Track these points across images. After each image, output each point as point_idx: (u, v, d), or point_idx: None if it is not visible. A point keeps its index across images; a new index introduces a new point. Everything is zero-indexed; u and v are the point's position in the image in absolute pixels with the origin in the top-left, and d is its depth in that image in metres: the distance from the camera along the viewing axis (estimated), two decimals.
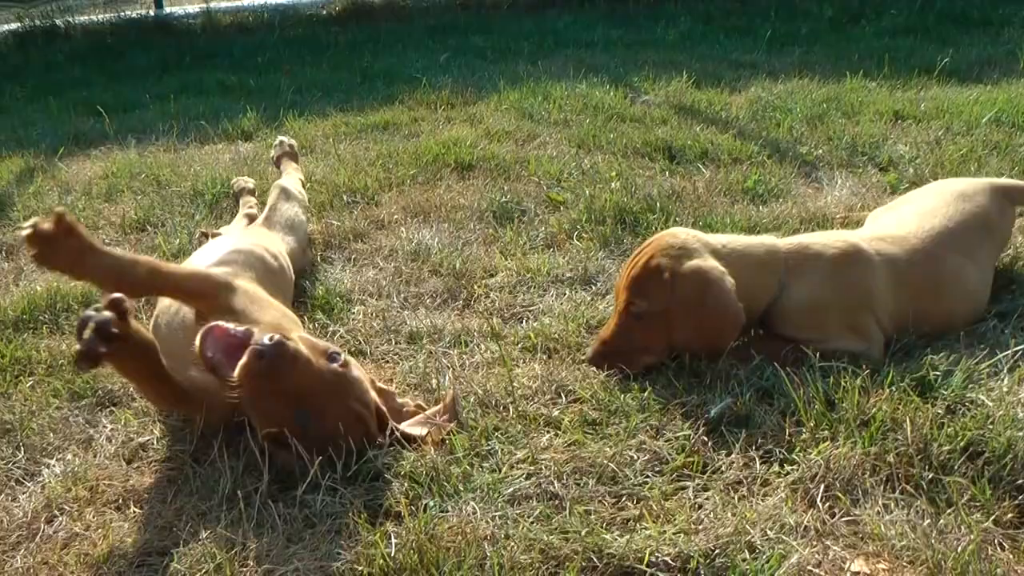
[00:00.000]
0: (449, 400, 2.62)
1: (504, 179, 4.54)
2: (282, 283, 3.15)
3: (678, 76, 6.38)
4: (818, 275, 2.91)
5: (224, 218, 4.26)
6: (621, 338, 2.89)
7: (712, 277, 2.81)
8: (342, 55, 8.16)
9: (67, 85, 7.73)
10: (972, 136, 4.81)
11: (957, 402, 2.58)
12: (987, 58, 6.79)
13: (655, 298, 2.84)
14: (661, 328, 2.86)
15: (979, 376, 2.69)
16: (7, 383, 3.01)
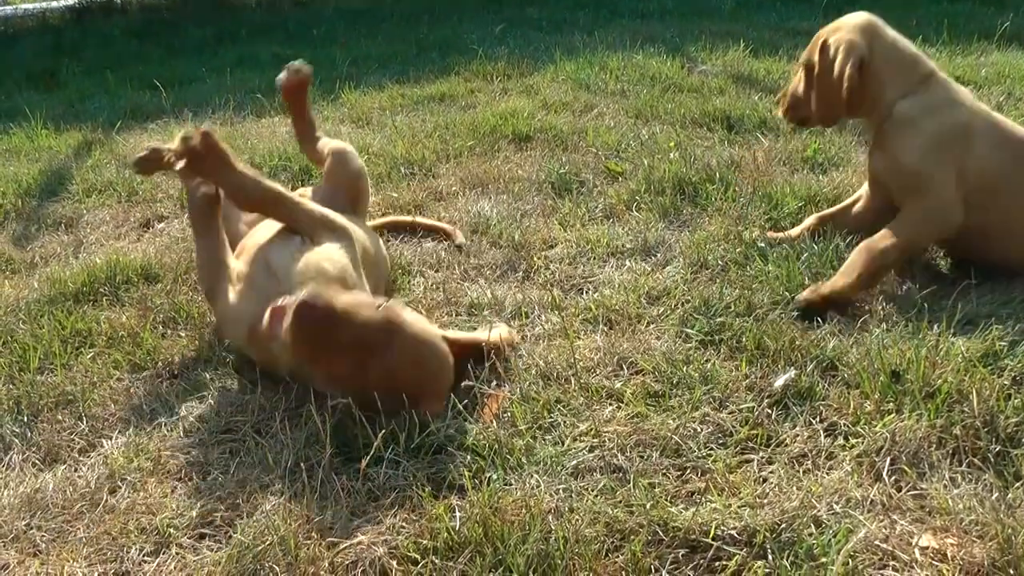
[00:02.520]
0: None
1: (562, 150, 4.52)
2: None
3: (735, 45, 6.32)
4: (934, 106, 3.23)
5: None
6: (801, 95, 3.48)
7: (850, 46, 3.26)
8: (397, 27, 8.16)
9: (124, 59, 7.82)
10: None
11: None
12: None
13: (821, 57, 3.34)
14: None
15: None
16: (68, 355, 3.04)
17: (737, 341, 2.81)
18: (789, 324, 2.86)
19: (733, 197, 3.81)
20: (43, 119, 5.79)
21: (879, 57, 3.28)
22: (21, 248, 3.98)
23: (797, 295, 3.00)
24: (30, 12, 10.01)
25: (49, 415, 2.75)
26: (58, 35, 9.04)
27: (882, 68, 3.27)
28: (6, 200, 4.46)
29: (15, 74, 7.60)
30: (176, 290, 3.42)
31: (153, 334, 3.12)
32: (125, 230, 4.09)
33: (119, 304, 3.36)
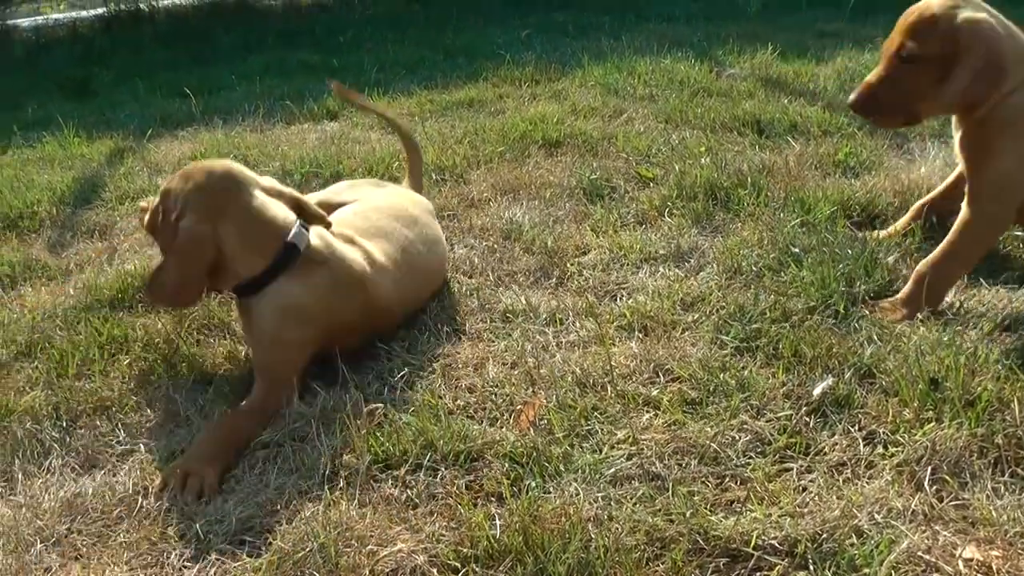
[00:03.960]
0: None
1: (592, 155, 4.52)
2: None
3: (762, 48, 6.30)
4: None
5: None
6: (886, 84, 3.03)
7: (991, 30, 2.91)
8: (423, 32, 8.18)
9: (153, 67, 7.88)
10: None
11: None
12: None
13: (928, 43, 2.94)
14: (929, 78, 2.96)
15: None
16: (105, 361, 3.07)
17: (773, 348, 2.80)
18: (826, 331, 2.84)
19: (765, 202, 3.79)
20: (75, 127, 5.83)
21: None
22: (57, 255, 4.02)
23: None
24: (60, 21, 10.09)
25: (87, 420, 2.79)
26: (88, 44, 9.10)
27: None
28: (41, 208, 4.49)
29: (47, 83, 7.68)
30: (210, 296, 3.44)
31: (188, 340, 3.14)
32: None
33: (154, 311, 3.38)
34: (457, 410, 2.65)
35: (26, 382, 3.01)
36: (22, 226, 4.36)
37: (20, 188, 4.76)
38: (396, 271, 3.04)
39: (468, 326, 3.09)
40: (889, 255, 3.26)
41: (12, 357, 3.16)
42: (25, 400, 2.88)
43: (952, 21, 2.92)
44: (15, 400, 2.88)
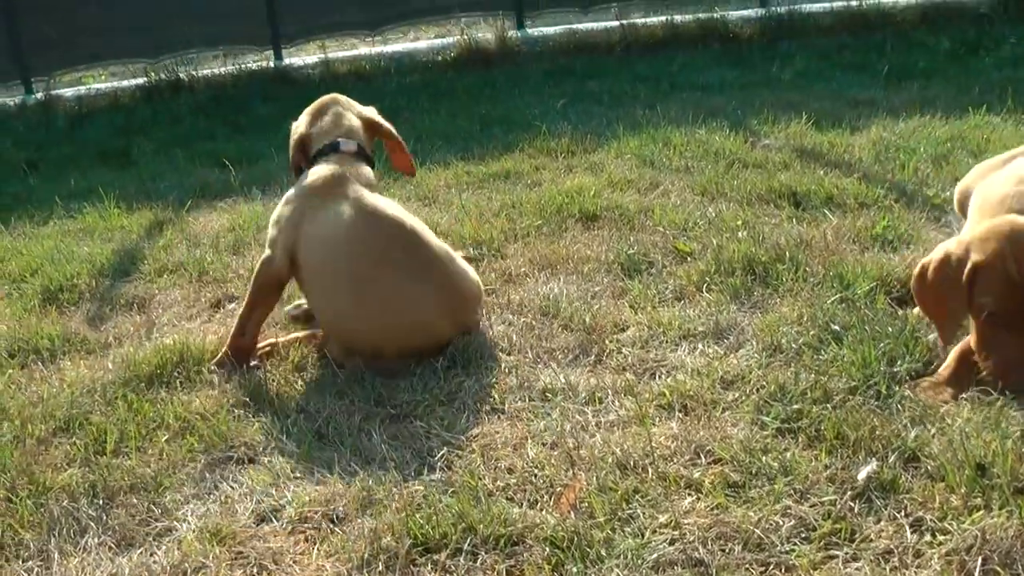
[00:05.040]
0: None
1: (629, 229, 4.51)
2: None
3: (797, 117, 6.30)
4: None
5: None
6: (994, 347, 2.93)
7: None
8: (460, 101, 8.23)
9: (192, 137, 7.98)
10: None
11: None
12: None
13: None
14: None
15: None
16: (142, 438, 3.08)
17: (816, 429, 2.77)
18: (868, 412, 2.82)
19: (804, 277, 3.78)
20: (116, 198, 5.92)
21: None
22: (95, 328, 4.05)
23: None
24: (102, 91, 10.23)
25: (124, 498, 2.79)
26: (129, 114, 9.25)
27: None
28: (80, 281, 4.54)
29: (89, 152, 7.80)
30: (248, 371, 3.45)
31: (227, 416, 3.14)
32: (196, 310, 4.14)
33: (191, 386, 3.40)
34: (497, 491, 2.64)
35: (64, 459, 3.02)
36: (62, 299, 4.40)
37: (60, 260, 4.82)
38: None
39: (507, 405, 3.08)
40: (930, 332, 3.23)
41: (51, 433, 3.18)
42: (62, 477, 2.89)
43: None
44: (52, 477, 2.89)
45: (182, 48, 10.60)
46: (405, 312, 3.43)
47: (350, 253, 3.49)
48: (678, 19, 10.20)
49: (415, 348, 3.43)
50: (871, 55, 8.46)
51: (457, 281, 3.54)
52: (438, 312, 3.46)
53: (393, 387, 3.27)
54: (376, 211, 3.54)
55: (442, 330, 3.48)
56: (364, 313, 3.45)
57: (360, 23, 10.98)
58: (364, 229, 3.50)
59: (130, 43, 10.66)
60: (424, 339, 3.45)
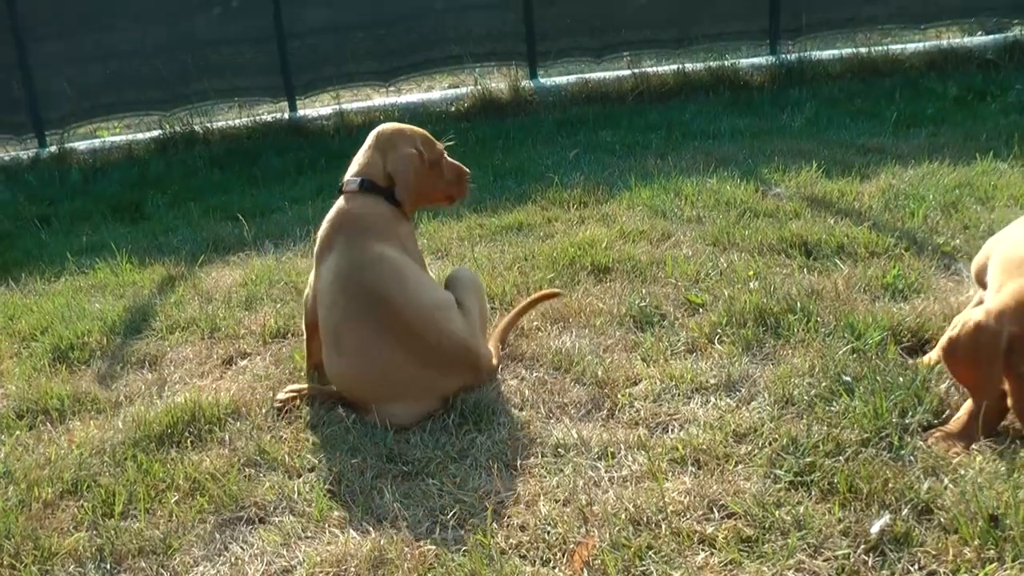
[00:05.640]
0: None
1: (641, 281, 4.52)
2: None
3: (807, 165, 6.32)
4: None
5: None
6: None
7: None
8: (472, 152, 8.27)
9: (206, 190, 8.02)
10: None
11: None
12: None
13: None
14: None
15: None
16: (152, 499, 3.08)
17: (828, 483, 2.77)
18: (881, 464, 2.81)
19: (815, 328, 3.78)
20: (128, 253, 5.95)
21: None
22: (106, 387, 4.05)
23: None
24: (116, 144, 10.31)
25: (132, 562, 2.79)
26: (144, 166, 9.29)
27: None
28: (91, 338, 4.55)
29: (102, 206, 7.83)
30: (261, 429, 3.46)
31: (238, 476, 3.15)
32: (208, 367, 4.15)
33: (202, 446, 3.40)
34: (509, 550, 2.64)
35: (71, 522, 3.01)
36: (72, 357, 4.40)
37: (71, 318, 4.83)
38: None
39: (519, 461, 3.08)
40: (941, 383, 3.23)
41: (58, 496, 3.17)
42: (69, 542, 2.88)
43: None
44: (59, 542, 2.88)
45: (197, 100, 10.70)
46: (377, 368, 3.47)
47: (329, 305, 3.59)
48: (689, 67, 10.25)
49: (404, 404, 3.46)
50: (880, 102, 8.48)
51: (438, 339, 3.51)
52: (414, 370, 3.46)
53: (405, 443, 3.27)
54: (349, 265, 3.58)
55: (429, 387, 3.49)
56: (341, 370, 3.56)
57: (373, 73, 11.06)
58: (337, 284, 3.58)
59: (145, 95, 10.78)
60: (408, 395, 3.47)
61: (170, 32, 10.60)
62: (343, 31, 10.82)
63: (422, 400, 3.48)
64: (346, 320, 3.52)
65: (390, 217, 3.76)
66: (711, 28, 10.85)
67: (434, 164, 3.95)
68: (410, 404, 3.46)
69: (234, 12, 10.66)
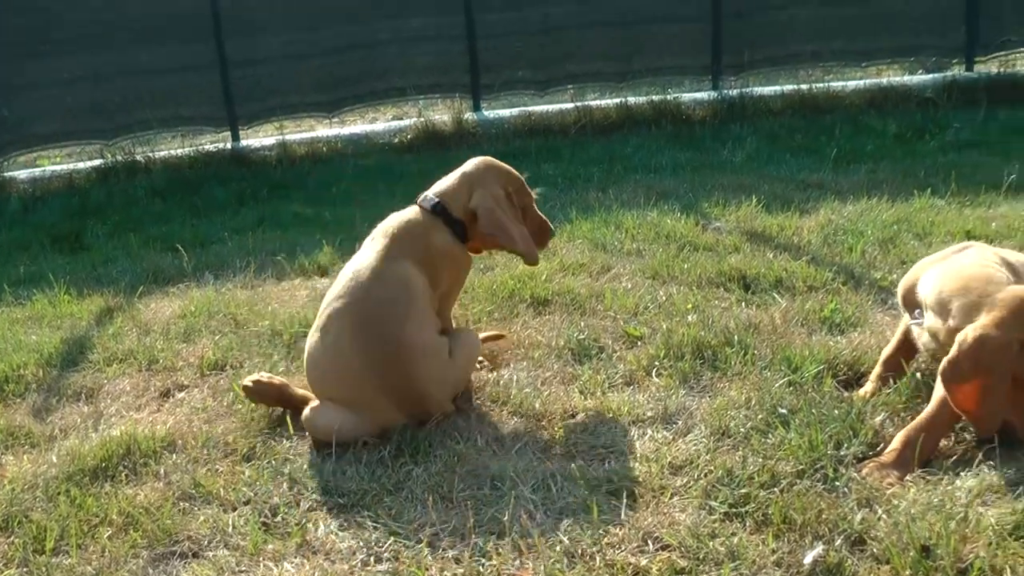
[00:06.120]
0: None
1: (580, 314, 4.53)
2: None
3: (747, 200, 6.38)
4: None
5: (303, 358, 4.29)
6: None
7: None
8: (415, 184, 8.15)
9: (147, 220, 7.96)
10: None
11: None
12: None
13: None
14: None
15: None
16: (84, 535, 3.03)
17: (763, 514, 2.79)
18: (815, 495, 2.84)
19: (752, 361, 3.81)
20: (66, 284, 5.86)
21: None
22: (41, 421, 3.98)
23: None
24: (57, 173, 10.19)
25: None
26: (84, 196, 9.18)
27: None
28: (27, 371, 4.48)
29: (41, 236, 7.72)
30: (196, 462, 3.42)
31: (172, 509, 3.11)
32: (145, 400, 4.09)
33: (138, 478, 3.36)
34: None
35: (1, 559, 2.96)
36: (7, 390, 4.32)
37: (7, 350, 4.75)
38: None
39: (455, 494, 3.07)
40: (876, 415, 3.27)
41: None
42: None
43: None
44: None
45: (139, 129, 10.64)
46: (340, 366, 3.51)
47: (334, 291, 3.68)
48: (632, 101, 10.35)
49: (345, 412, 3.49)
50: (821, 138, 8.59)
51: (409, 367, 3.51)
52: (370, 388, 3.47)
53: (341, 475, 3.25)
54: (370, 269, 3.63)
55: (374, 409, 3.50)
56: (315, 353, 3.61)
57: (317, 104, 11.06)
58: (350, 278, 3.66)
59: (87, 123, 10.68)
60: (354, 406, 3.49)
61: (113, 60, 10.52)
62: (287, 61, 10.80)
63: (362, 418, 3.47)
64: (338, 316, 3.56)
65: (444, 248, 3.79)
66: (654, 62, 11.00)
67: (524, 209, 3.97)
68: (350, 415, 3.46)
69: (178, 41, 10.59)
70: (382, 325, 3.49)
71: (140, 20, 10.45)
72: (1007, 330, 2.94)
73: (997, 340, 2.93)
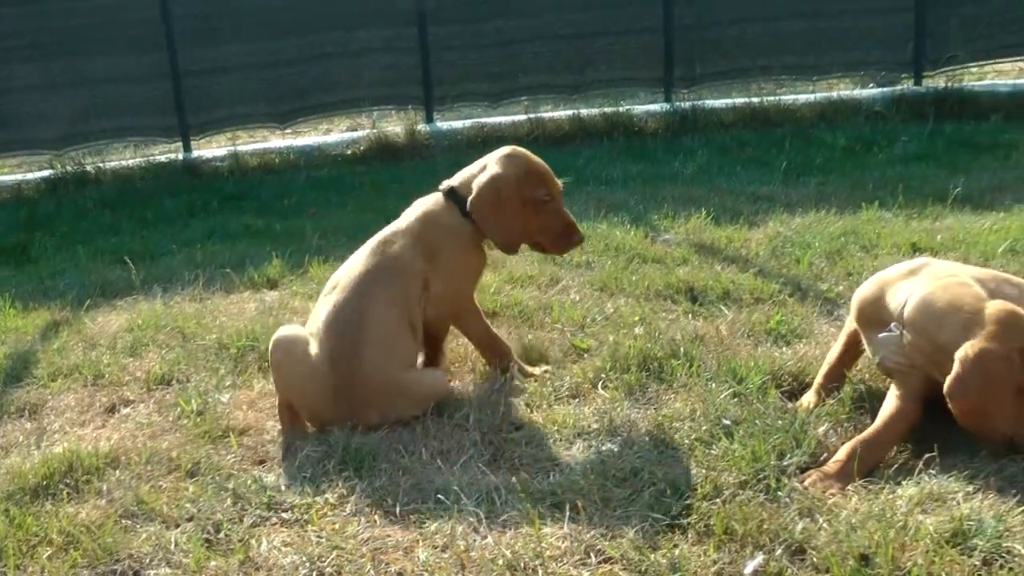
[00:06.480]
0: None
1: (528, 326, 4.54)
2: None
3: (697, 212, 6.41)
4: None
5: (251, 372, 4.28)
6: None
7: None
8: (367, 196, 8.27)
9: (96, 232, 7.88)
10: (989, 267, 4.79)
11: (993, 553, 2.56)
12: (998, 183, 6.85)
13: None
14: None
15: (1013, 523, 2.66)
16: (23, 555, 2.99)
17: (705, 525, 2.81)
18: (757, 506, 2.86)
19: (698, 372, 3.83)
20: (11, 297, 5.79)
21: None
22: None
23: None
24: (5, 184, 10.10)
25: None
26: (32, 207, 9.11)
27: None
28: None
29: None
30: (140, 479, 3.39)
31: (114, 527, 3.07)
32: (90, 416, 4.05)
33: (80, 496, 3.32)
34: None
35: None
36: None
37: None
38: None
39: (399, 507, 3.06)
40: (819, 426, 3.30)
41: None
42: None
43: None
44: None
45: (90, 139, 10.62)
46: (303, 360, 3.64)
47: (343, 268, 3.92)
48: (584, 113, 10.39)
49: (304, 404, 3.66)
50: (771, 151, 8.65)
51: (359, 363, 3.58)
52: (321, 380, 3.58)
53: (286, 489, 3.24)
54: (368, 258, 3.85)
55: (321, 401, 3.60)
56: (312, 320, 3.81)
57: (270, 115, 11.07)
58: (357, 261, 3.88)
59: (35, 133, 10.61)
60: (307, 396, 3.64)
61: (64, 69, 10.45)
62: (239, 72, 10.79)
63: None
64: (329, 305, 3.71)
65: (449, 229, 3.89)
66: (607, 74, 11.06)
67: (536, 203, 3.93)
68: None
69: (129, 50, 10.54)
70: (357, 332, 3.64)
71: (91, 29, 10.41)
72: (1005, 342, 2.98)
73: (998, 353, 2.97)
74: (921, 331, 3.23)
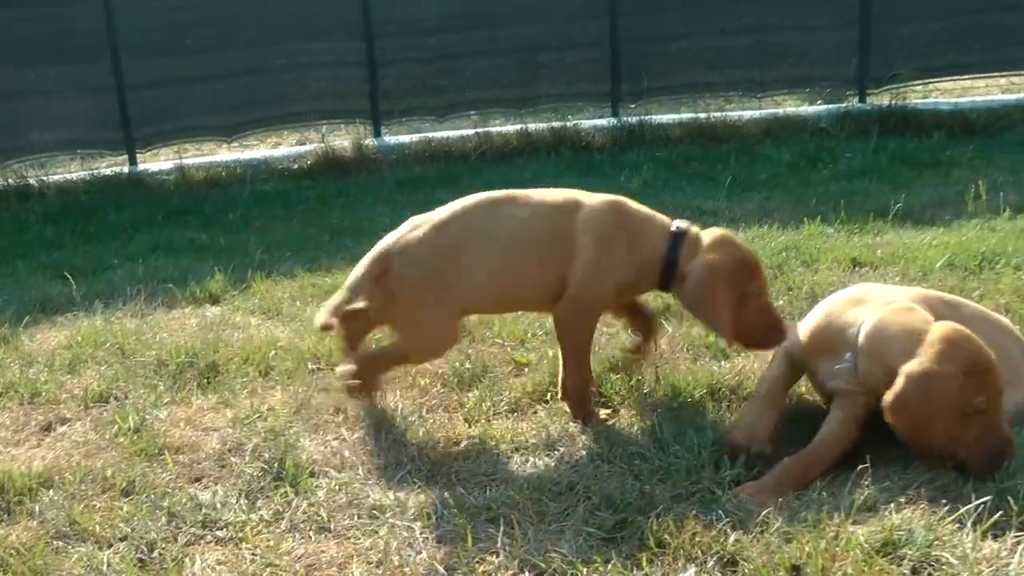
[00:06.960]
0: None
1: (469, 341, 4.53)
2: None
3: None
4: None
5: (189, 388, 4.24)
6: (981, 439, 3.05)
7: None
8: (312, 210, 8.24)
9: (37, 246, 7.77)
10: (928, 282, 4.86)
11: (923, 562, 2.60)
12: (938, 199, 6.95)
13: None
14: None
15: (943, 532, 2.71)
16: None
17: (639, 538, 2.82)
18: (691, 518, 2.88)
19: (637, 387, 3.85)
20: None
21: None
22: None
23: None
24: None
25: None
26: None
27: None
28: None
29: None
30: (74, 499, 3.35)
31: (45, 549, 3.03)
32: (25, 435, 3.99)
33: (11, 517, 3.28)
34: None
35: None
36: None
37: None
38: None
39: (334, 523, 3.06)
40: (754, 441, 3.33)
41: None
42: None
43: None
44: None
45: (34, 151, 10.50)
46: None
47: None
48: (532, 127, 10.42)
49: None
50: (717, 166, 8.70)
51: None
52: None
53: (222, 507, 3.22)
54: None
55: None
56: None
57: (216, 128, 11.03)
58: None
59: None
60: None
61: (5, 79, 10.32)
62: (185, 84, 10.71)
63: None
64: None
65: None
66: (555, 89, 11.10)
67: (744, 297, 3.70)
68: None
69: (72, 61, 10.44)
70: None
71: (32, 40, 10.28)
72: (948, 363, 3.01)
73: (943, 373, 3.01)
74: (876, 357, 3.25)
